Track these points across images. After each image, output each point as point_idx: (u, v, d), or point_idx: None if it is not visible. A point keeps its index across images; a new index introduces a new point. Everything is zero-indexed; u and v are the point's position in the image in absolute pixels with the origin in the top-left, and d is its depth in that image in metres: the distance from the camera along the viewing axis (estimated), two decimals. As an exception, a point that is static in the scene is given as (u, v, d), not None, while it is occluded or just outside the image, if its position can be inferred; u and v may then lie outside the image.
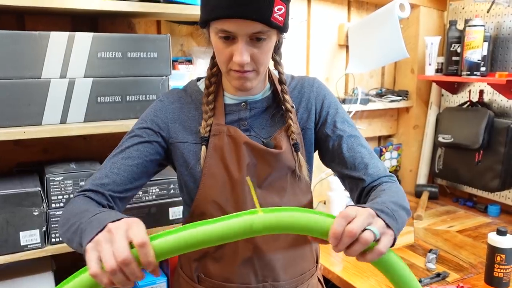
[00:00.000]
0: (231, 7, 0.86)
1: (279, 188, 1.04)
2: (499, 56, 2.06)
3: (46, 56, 1.27)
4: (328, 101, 1.10)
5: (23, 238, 1.28)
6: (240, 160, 1.00)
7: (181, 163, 1.04)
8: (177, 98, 1.08)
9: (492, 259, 1.37)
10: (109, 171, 0.99)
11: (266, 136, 1.05)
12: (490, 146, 2.02)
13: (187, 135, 1.04)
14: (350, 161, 1.03)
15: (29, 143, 1.55)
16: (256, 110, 1.05)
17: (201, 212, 1.02)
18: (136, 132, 1.03)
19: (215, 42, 0.94)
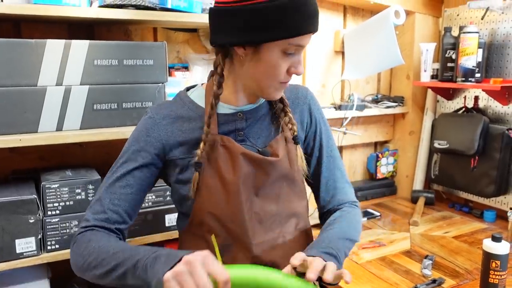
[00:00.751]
0: (312, 22, 0.92)
1: (275, 195, 1.05)
2: (494, 63, 2.08)
3: (42, 63, 1.28)
4: (319, 117, 1.15)
5: (19, 245, 1.28)
6: (236, 171, 1.00)
7: (177, 177, 1.04)
8: (168, 113, 1.04)
9: (487, 265, 1.38)
10: (109, 203, 0.99)
11: (262, 144, 1.05)
12: (485, 152, 2.03)
13: (183, 149, 1.03)
14: (323, 182, 1.16)
15: (25, 150, 1.55)
16: (252, 120, 1.06)
17: (199, 222, 1.03)
18: (130, 156, 1.02)
19: (275, 58, 0.93)
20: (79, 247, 0.96)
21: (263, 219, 1.03)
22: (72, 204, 1.34)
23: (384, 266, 1.61)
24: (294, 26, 0.90)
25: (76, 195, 1.34)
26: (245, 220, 1.00)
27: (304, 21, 0.90)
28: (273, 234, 1.05)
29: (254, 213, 1.02)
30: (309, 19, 0.90)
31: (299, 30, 0.91)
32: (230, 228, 1.01)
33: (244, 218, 1.00)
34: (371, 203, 2.33)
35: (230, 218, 1.00)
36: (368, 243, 1.81)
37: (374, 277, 1.54)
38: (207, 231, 1.02)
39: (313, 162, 1.16)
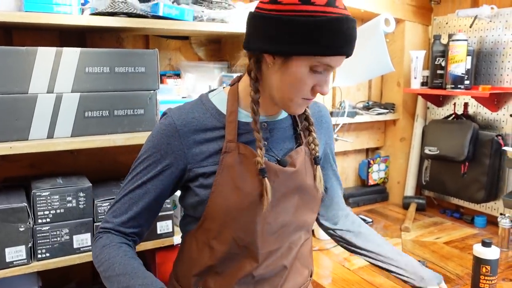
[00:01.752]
0: (347, 46, 0.90)
1: (291, 206, 1.04)
2: (482, 70, 2.11)
3: (33, 71, 1.28)
4: (332, 134, 1.21)
5: (9, 254, 1.27)
6: (252, 179, 0.98)
7: (198, 184, 1.02)
8: (190, 120, 1.01)
9: (477, 271, 1.39)
10: (128, 209, 1.02)
11: (283, 156, 1.05)
12: (475, 158, 2.05)
13: (206, 158, 1.00)
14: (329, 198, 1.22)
15: (16, 158, 1.54)
16: (276, 131, 1.05)
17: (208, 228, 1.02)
18: (151, 164, 1.01)
19: (301, 73, 0.92)
20: (95, 249, 1.03)
21: (274, 229, 1.02)
22: (63, 212, 1.33)
23: (376, 272, 1.61)
24: (327, 46, 0.88)
25: (67, 202, 1.33)
26: (256, 231, 0.99)
27: (338, 42, 0.88)
28: (281, 244, 1.04)
29: (267, 223, 1.01)
30: (343, 42, 0.89)
31: (331, 50, 0.89)
32: (240, 237, 1.00)
33: (256, 229, 0.99)
34: (363, 209, 2.34)
35: (242, 227, 0.99)
36: (360, 250, 1.81)
37: (366, 283, 1.54)
38: (213, 237, 1.02)
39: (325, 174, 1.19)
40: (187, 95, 1.70)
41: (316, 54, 0.89)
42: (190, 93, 1.71)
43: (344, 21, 0.88)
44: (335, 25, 0.87)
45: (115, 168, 1.72)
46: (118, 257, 0.98)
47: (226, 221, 0.99)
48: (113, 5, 1.37)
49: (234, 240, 1.00)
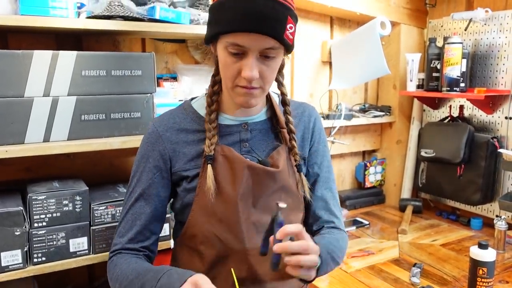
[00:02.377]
0: (248, 21, 0.87)
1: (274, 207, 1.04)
2: (478, 73, 2.12)
3: (29, 74, 1.27)
4: (322, 137, 1.15)
5: (4, 258, 1.26)
6: (235, 180, 1.00)
7: (184, 187, 1.04)
8: (171, 124, 1.05)
9: (474, 273, 1.39)
10: (132, 224, 1.05)
11: (266, 156, 1.05)
12: (471, 160, 2.06)
13: (188, 161, 1.03)
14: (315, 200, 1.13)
15: (11, 161, 1.53)
16: (256, 131, 1.06)
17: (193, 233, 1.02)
18: (142, 174, 1.05)
19: (223, 57, 0.93)
20: (109, 273, 1.05)
21: (260, 229, 1.02)
22: (59, 216, 1.33)
23: (373, 274, 1.61)
24: (227, 23, 0.89)
25: (64, 206, 1.33)
26: (242, 231, 1.00)
27: (238, 19, 0.87)
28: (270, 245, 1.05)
29: (251, 223, 1.01)
30: (244, 18, 0.87)
31: (231, 27, 0.89)
32: (227, 238, 1.00)
33: (241, 228, 1.00)
34: (360, 212, 2.35)
35: (227, 228, 1.00)
36: (357, 252, 1.81)
37: (363, 286, 1.54)
38: (200, 242, 1.02)
39: (309, 179, 1.14)
40: (183, 98, 1.70)
41: (220, 32, 0.92)
42: (186, 96, 1.71)
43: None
44: (235, 2, 0.88)
45: (111, 172, 1.72)
46: (130, 266, 1.00)
47: (211, 223, 1.00)
48: (110, 9, 1.37)
49: (221, 242, 1.00)
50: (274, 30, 0.88)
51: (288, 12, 0.89)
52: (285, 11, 0.89)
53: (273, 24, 0.88)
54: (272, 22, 0.88)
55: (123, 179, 1.69)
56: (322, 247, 0.96)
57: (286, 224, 0.88)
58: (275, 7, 0.87)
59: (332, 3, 2.05)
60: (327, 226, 1.13)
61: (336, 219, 1.14)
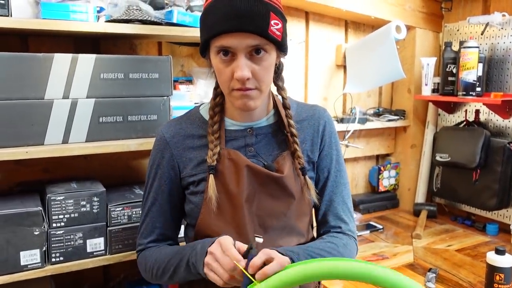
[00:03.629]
0: (228, 21, 0.88)
1: (278, 212, 1.04)
2: (494, 77, 2.10)
3: (49, 77, 1.29)
4: (333, 141, 1.13)
5: (23, 258, 1.28)
6: (240, 183, 1.01)
7: (192, 190, 1.07)
8: (177, 130, 1.08)
9: (491, 279, 1.38)
10: (152, 227, 1.11)
11: (272, 161, 1.05)
12: (487, 165, 2.04)
13: (195, 166, 1.06)
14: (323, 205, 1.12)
15: (30, 162, 1.56)
16: (262, 136, 1.06)
17: (204, 235, 1.03)
18: (154, 180, 1.09)
19: (216, 63, 0.95)
20: (142, 265, 1.12)
21: (265, 233, 1.03)
22: (77, 216, 1.35)
23: (388, 279, 1.60)
24: (211, 26, 0.91)
25: (81, 207, 1.35)
26: (248, 233, 1.01)
27: (218, 20, 0.89)
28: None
29: (257, 226, 1.02)
30: (227, 19, 0.88)
31: (214, 29, 0.91)
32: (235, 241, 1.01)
33: (247, 231, 1.00)
34: (373, 216, 2.34)
35: (235, 230, 1.01)
36: (371, 256, 1.80)
37: (377, 290, 1.54)
38: None
39: (318, 183, 1.13)
40: (199, 101, 1.72)
41: (207, 39, 0.94)
42: (202, 99, 1.72)
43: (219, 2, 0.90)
44: (215, 5, 0.90)
45: (127, 173, 1.74)
46: (163, 251, 1.06)
47: (219, 226, 1.01)
48: (128, 13, 1.39)
49: None
50: (256, 26, 0.89)
51: (269, 8, 0.91)
52: (266, 7, 0.90)
53: (255, 20, 0.89)
54: (253, 19, 0.89)
55: (139, 180, 1.71)
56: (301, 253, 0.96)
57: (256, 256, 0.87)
58: (255, 4, 0.89)
59: (347, 7, 2.05)
60: (333, 231, 1.11)
61: (344, 224, 1.12)
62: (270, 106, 1.08)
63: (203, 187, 1.04)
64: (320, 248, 1.02)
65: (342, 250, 1.05)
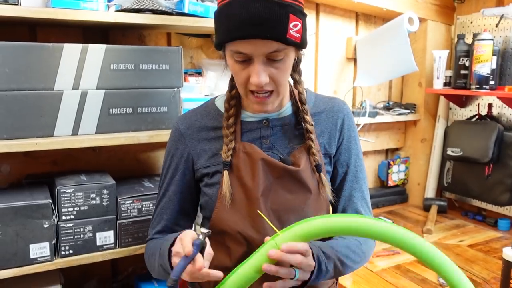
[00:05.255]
0: (245, 28, 0.84)
1: (295, 206, 1.01)
2: (508, 70, 2.06)
3: (59, 67, 1.27)
4: (349, 134, 1.09)
5: (33, 251, 1.27)
6: (255, 177, 0.98)
7: (206, 182, 1.05)
8: (192, 122, 1.07)
9: (507, 274, 1.35)
10: (160, 218, 1.10)
11: (288, 154, 1.03)
12: (500, 160, 2.01)
13: (209, 158, 1.04)
14: (342, 200, 1.09)
15: (39, 154, 1.54)
16: (278, 128, 1.04)
17: (220, 230, 1.01)
18: (168, 171, 1.09)
19: (231, 64, 0.93)
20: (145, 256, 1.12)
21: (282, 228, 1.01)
22: (87, 209, 1.33)
23: (400, 274, 1.58)
24: (226, 31, 0.88)
25: (91, 200, 1.33)
26: (265, 228, 0.98)
27: (236, 26, 0.85)
28: None
29: (274, 220, 1.00)
30: (243, 25, 0.84)
31: (232, 35, 0.87)
32: (251, 236, 0.99)
33: (264, 225, 0.98)
34: (383, 210, 2.31)
35: (250, 224, 0.98)
36: (382, 251, 1.78)
37: (390, 285, 1.52)
38: (229, 239, 1.01)
39: (337, 177, 1.10)
40: (209, 93, 1.69)
41: (220, 42, 0.91)
42: (212, 91, 1.70)
43: (236, 3, 0.85)
44: (228, 9, 0.87)
45: (136, 166, 1.72)
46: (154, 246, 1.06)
47: (235, 221, 0.99)
48: (138, 2, 1.36)
49: (246, 239, 0.99)
50: (274, 32, 0.85)
51: (289, 10, 0.86)
52: (285, 10, 0.85)
53: (272, 26, 0.85)
54: (271, 25, 0.84)
55: (148, 173, 1.69)
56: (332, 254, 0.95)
57: None
58: (273, 8, 0.84)
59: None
60: None
61: None
62: (286, 97, 1.05)
63: (218, 179, 1.02)
64: (347, 247, 1.01)
65: (364, 247, 1.05)
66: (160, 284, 1.60)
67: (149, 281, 1.61)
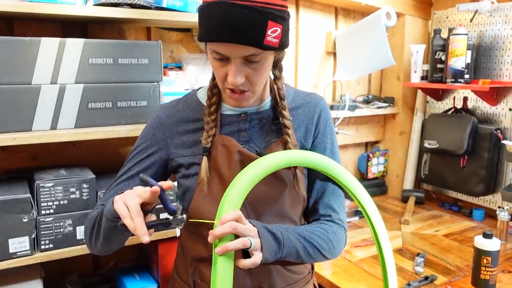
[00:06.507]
0: (222, 32, 0.86)
1: (271, 198, 1.03)
2: (482, 64, 2.12)
3: (36, 62, 1.27)
4: (328, 129, 1.10)
5: (12, 245, 1.27)
6: (231, 168, 1.00)
7: (183, 173, 1.06)
8: (174, 112, 1.08)
9: (478, 262, 1.40)
10: (112, 194, 1.02)
11: (264, 148, 1.05)
12: (474, 152, 2.07)
13: (186, 148, 1.05)
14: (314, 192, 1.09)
15: (18, 149, 1.53)
16: (256, 122, 1.05)
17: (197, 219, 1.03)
18: (137, 153, 1.07)
19: (211, 60, 0.95)
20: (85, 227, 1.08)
21: (258, 218, 1.03)
22: (67, 203, 1.33)
23: (377, 264, 1.62)
24: (206, 31, 0.89)
25: (71, 194, 1.33)
26: None
27: (214, 29, 0.86)
28: None
29: (250, 211, 1.02)
30: (221, 28, 0.86)
31: (211, 36, 0.89)
32: None
33: None
34: (362, 202, 2.35)
35: None
36: (361, 242, 1.82)
37: (367, 275, 1.56)
38: (205, 228, 1.02)
39: (311, 171, 1.10)
40: (189, 87, 1.70)
41: (200, 40, 0.93)
42: (192, 85, 1.71)
43: (217, 6, 0.86)
44: (209, 10, 0.88)
45: (116, 160, 1.72)
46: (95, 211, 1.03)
47: (211, 211, 1.00)
48: (117, -4, 1.36)
49: None
50: (252, 38, 0.86)
51: (268, 16, 0.87)
52: (264, 17, 0.86)
53: (250, 33, 0.86)
54: (249, 31, 0.85)
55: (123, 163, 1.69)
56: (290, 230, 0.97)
57: None
58: (252, 15, 0.85)
59: (338, -7, 2.04)
60: (323, 219, 1.09)
61: (334, 213, 1.09)
62: (266, 92, 1.07)
63: (195, 170, 1.03)
64: (310, 231, 1.02)
65: (331, 236, 1.04)
66: (142, 277, 1.61)
67: (130, 274, 1.63)
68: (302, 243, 0.98)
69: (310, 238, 1.00)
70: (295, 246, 0.96)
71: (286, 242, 0.94)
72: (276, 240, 0.93)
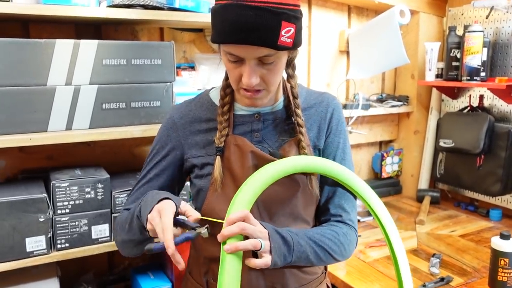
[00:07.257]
0: (235, 33, 0.86)
1: (284, 198, 1.03)
2: (498, 61, 2.08)
3: (51, 63, 1.29)
4: (340, 128, 1.10)
5: (29, 244, 1.29)
6: (245, 169, 1.00)
7: (197, 173, 1.06)
8: (186, 112, 1.08)
9: (495, 263, 1.38)
10: (136, 198, 1.08)
11: (277, 148, 1.04)
12: (491, 151, 2.03)
13: (200, 149, 1.05)
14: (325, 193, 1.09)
15: (34, 150, 1.56)
16: (269, 122, 1.05)
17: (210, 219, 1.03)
18: (155, 156, 1.09)
19: (225, 61, 0.95)
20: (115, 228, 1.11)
21: (271, 219, 1.03)
22: (82, 203, 1.35)
23: (392, 264, 1.60)
24: (219, 33, 0.89)
25: (86, 194, 1.35)
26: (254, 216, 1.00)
27: (227, 31, 0.86)
28: None
29: (263, 211, 1.02)
30: (234, 30, 0.85)
31: (224, 38, 0.88)
32: None
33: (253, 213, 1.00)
34: (377, 202, 2.33)
35: None
36: (375, 242, 1.81)
37: (382, 275, 1.54)
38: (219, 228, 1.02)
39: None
40: (202, 87, 1.71)
41: (214, 41, 0.92)
42: (204, 85, 1.72)
43: (231, 8, 0.85)
44: (222, 12, 0.87)
45: (130, 160, 1.74)
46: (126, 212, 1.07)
47: (224, 210, 1.00)
48: (130, -3, 1.37)
49: None
50: (265, 40, 0.86)
51: (281, 17, 0.86)
52: (278, 17, 0.86)
53: (264, 34, 0.85)
54: (262, 32, 0.85)
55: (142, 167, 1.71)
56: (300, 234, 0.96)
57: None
58: (265, 16, 0.85)
59: (351, -8, 2.03)
60: (333, 219, 1.08)
61: (345, 213, 1.08)
62: (279, 92, 1.07)
63: (209, 171, 1.03)
64: (321, 234, 1.01)
65: (342, 239, 1.04)
66: (156, 276, 1.62)
67: (145, 274, 1.64)
68: (312, 247, 0.98)
69: (321, 241, 1.00)
70: (305, 251, 0.96)
71: (296, 247, 0.94)
72: (286, 244, 0.93)
